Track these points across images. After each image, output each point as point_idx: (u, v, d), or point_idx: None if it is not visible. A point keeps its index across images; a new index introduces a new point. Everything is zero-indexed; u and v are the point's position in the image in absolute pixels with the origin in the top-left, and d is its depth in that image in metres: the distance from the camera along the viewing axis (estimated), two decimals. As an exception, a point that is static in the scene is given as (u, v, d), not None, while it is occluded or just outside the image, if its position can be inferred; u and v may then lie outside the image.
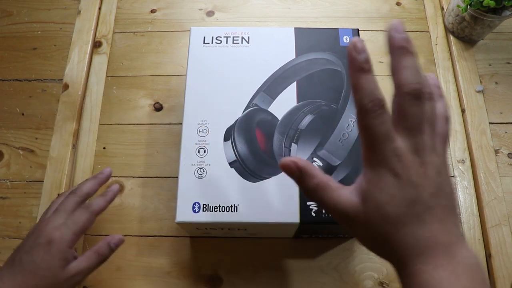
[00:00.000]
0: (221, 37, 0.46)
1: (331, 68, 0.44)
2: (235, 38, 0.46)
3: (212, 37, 0.46)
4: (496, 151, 0.53)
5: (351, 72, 0.25)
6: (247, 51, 0.45)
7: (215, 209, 0.39)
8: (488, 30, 0.56)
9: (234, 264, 0.47)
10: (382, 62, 0.58)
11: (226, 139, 0.41)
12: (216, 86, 0.44)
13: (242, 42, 0.46)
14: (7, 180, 0.52)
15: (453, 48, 0.59)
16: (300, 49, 0.45)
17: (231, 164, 0.40)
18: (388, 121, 0.25)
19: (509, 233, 0.48)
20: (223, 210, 0.39)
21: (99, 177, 0.44)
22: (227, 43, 0.46)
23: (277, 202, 0.37)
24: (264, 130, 0.42)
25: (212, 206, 0.39)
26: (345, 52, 0.45)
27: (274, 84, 0.44)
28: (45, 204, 0.50)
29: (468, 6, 0.52)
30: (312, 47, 0.45)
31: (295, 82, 0.44)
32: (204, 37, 0.46)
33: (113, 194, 0.44)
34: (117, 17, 0.62)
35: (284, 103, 0.43)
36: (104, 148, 0.53)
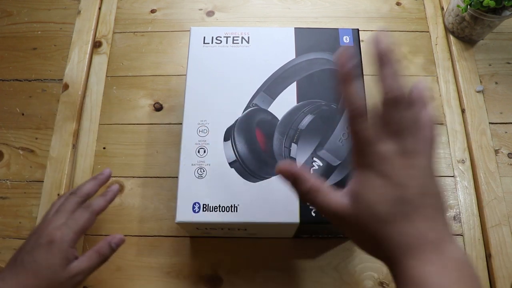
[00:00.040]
0: (221, 37, 0.46)
1: (331, 68, 0.44)
2: (235, 38, 0.46)
3: (212, 37, 0.46)
4: (496, 151, 0.53)
5: (339, 82, 0.27)
6: (247, 51, 0.45)
7: (215, 209, 0.39)
8: (488, 30, 0.56)
9: (234, 264, 0.47)
10: (382, 62, 0.58)
11: (226, 139, 0.41)
12: (216, 86, 0.44)
13: (242, 42, 0.46)
14: (7, 180, 0.52)
15: (453, 48, 0.59)
16: (300, 49, 0.45)
17: (231, 164, 0.40)
18: (374, 127, 0.27)
19: (509, 233, 0.48)
20: (223, 210, 0.39)
21: (99, 178, 0.45)
22: (227, 43, 0.46)
23: (277, 202, 0.37)
24: (264, 130, 0.42)
25: (212, 206, 0.39)
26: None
27: (274, 84, 0.44)
28: (45, 204, 0.50)
29: (468, 6, 0.52)
30: (312, 47, 0.45)
31: (295, 82, 0.44)
32: (204, 37, 0.46)
33: (113, 194, 0.44)
34: (117, 17, 0.62)
35: (284, 103, 0.43)
36: (104, 148, 0.53)
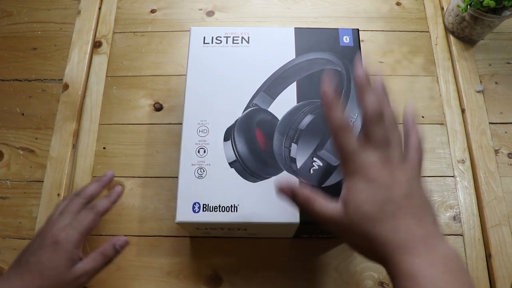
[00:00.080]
0: (221, 37, 0.46)
1: (331, 68, 0.44)
2: (235, 38, 0.46)
3: (212, 37, 0.46)
4: (496, 151, 0.53)
5: (324, 108, 0.31)
6: (247, 51, 0.45)
7: (215, 209, 0.39)
8: (488, 30, 0.56)
9: (234, 264, 0.47)
10: (382, 62, 0.58)
11: (226, 139, 0.41)
12: (216, 86, 0.44)
13: (242, 42, 0.46)
14: (7, 180, 0.52)
15: (453, 48, 0.59)
16: (300, 49, 0.45)
17: (231, 164, 0.40)
18: (355, 139, 0.31)
19: (509, 233, 0.48)
20: (223, 210, 0.39)
21: (102, 179, 0.46)
22: (227, 43, 0.46)
23: (277, 202, 0.37)
24: (264, 130, 0.42)
25: (212, 206, 0.39)
26: (345, 52, 0.45)
27: (274, 84, 0.44)
28: (45, 204, 0.50)
29: (468, 6, 0.52)
30: (312, 47, 0.45)
31: (295, 82, 0.44)
32: (204, 37, 0.46)
33: (117, 195, 0.45)
34: (117, 17, 0.62)
35: (284, 103, 0.43)
36: (104, 148, 0.53)
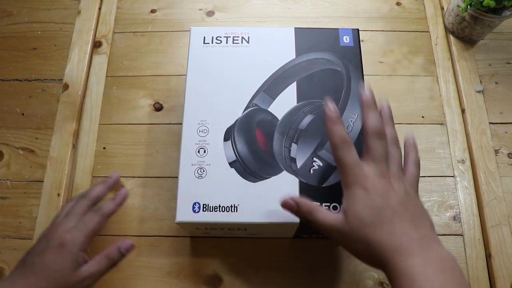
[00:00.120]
0: (221, 37, 0.46)
1: (331, 68, 0.44)
2: (235, 38, 0.46)
3: (212, 37, 0.46)
4: (496, 151, 0.53)
5: (327, 123, 0.34)
6: (247, 51, 0.45)
7: (215, 209, 0.39)
8: (488, 30, 0.56)
9: (234, 264, 0.47)
10: (382, 62, 0.58)
11: (226, 139, 0.41)
12: (216, 86, 0.44)
13: (242, 42, 0.46)
14: (7, 180, 0.52)
15: (453, 48, 0.59)
16: (300, 49, 0.45)
17: (231, 164, 0.40)
18: (355, 153, 0.33)
19: (509, 233, 0.48)
20: (223, 210, 0.39)
21: (108, 181, 0.45)
22: (227, 43, 0.46)
23: (277, 202, 0.37)
24: (264, 130, 0.42)
25: (212, 206, 0.39)
26: (345, 52, 0.45)
27: (274, 84, 0.44)
28: (45, 204, 0.50)
29: (468, 6, 0.52)
30: (312, 47, 0.45)
31: (295, 82, 0.44)
32: (204, 37, 0.46)
33: (123, 198, 0.44)
34: (117, 17, 0.62)
35: (284, 103, 0.43)
36: (104, 148, 0.53)
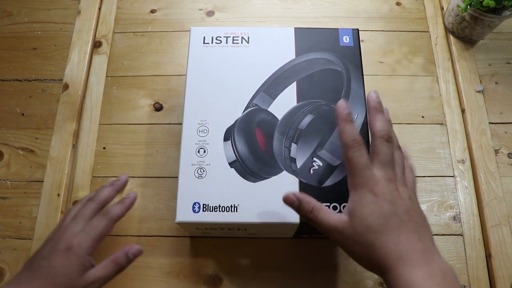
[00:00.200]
0: (221, 37, 0.46)
1: (331, 68, 0.44)
2: (235, 38, 0.46)
3: (212, 37, 0.46)
4: (496, 151, 0.53)
5: (339, 122, 0.34)
6: (247, 51, 0.45)
7: (215, 209, 0.39)
8: (488, 30, 0.56)
9: (234, 264, 0.47)
10: (382, 62, 0.58)
11: (226, 139, 0.41)
12: (216, 86, 0.44)
13: (242, 42, 0.46)
14: (7, 180, 0.52)
15: (453, 48, 0.59)
16: (300, 49, 0.45)
17: (231, 164, 0.40)
18: (366, 155, 0.33)
19: (509, 233, 0.48)
20: (223, 210, 0.39)
21: (116, 184, 0.45)
22: (227, 43, 0.46)
23: (277, 202, 0.37)
24: (264, 130, 0.42)
25: (212, 206, 0.39)
26: (345, 52, 0.45)
27: (274, 84, 0.44)
28: (45, 204, 0.50)
29: (468, 6, 0.52)
30: (312, 47, 0.45)
31: (295, 82, 0.44)
32: (204, 37, 0.46)
33: (131, 201, 0.43)
34: (117, 17, 0.62)
35: (284, 103, 0.43)
36: (104, 148, 0.53)
